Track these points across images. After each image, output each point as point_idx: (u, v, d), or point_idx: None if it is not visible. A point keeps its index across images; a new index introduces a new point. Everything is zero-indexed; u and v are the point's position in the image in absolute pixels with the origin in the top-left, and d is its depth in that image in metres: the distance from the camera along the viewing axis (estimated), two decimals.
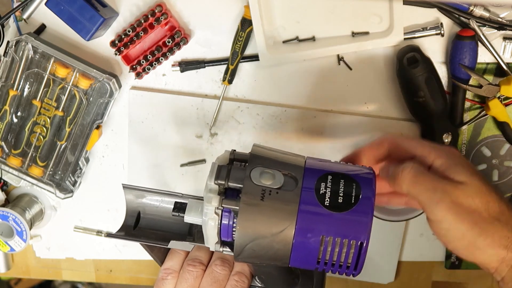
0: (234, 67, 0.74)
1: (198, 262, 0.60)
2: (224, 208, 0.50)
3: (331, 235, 0.48)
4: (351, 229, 0.48)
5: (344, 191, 0.49)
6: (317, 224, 0.48)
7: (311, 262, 0.49)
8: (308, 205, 0.48)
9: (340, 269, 0.49)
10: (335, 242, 0.48)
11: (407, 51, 0.71)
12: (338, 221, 0.48)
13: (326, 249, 0.48)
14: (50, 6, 0.71)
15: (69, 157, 0.78)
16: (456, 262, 0.83)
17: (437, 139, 0.73)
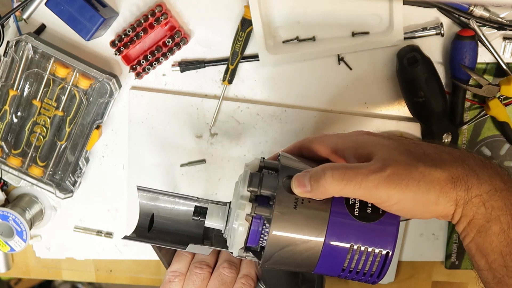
0: (234, 67, 0.74)
1: (205, 264, 0.60)
2: (256, 215, 0.51)
3: (359, 244, 0.49)
4: (378, 239, 0.49)
5: (370, 209, 0.51)
6: (346, 233, 0.50)
7: (335, 270, 0.51)
8: (339, 214, 0.50)
9: (363, 277, 0.51)
10: (362, 251, 0.50)
11: (407, 51, 0.71)
12: (366, 231, 0.50)
13: (353, 257, 0.50)
14: (50, 6, 0.71)
15: (69, 157, 0.78)
16: (456, 262, 0.83)
17: (437, 139, 0.73)
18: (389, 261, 0.50)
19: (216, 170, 0.80)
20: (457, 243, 0.82)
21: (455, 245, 0.82)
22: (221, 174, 0.80)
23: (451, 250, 0.83)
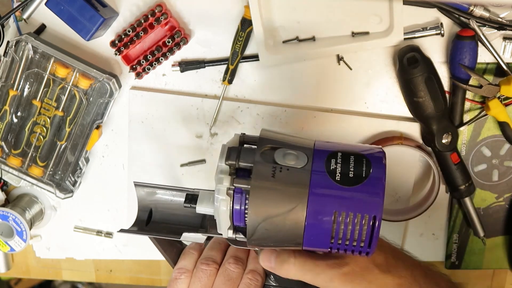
0: (234, 67, 0.74)
1: (212, 261, 0.60)
2: (236, 189, 0.49)
3: (343, 210, 0.47)
4: (363, 203, 0.47)
5: (355, 167, 0.48)
6: (328, 199, 0.47)
7: (324, 241, 0.48)
8: (319, 180, 0.48)
9: (354, 247, 0.49)
10: (347, 218, 0.47)
11: (407, 51, 0.71)
12: (349, 196, 0.47)
13: (339, 225, 0.47)
14: (50, 6, 0.71)
15: (69, 157, 0.78)
16: (456, 262, 0.83)
17: (437, 139, 0.73)
18: (377, 227, 0.47)
19: None
20: (457, 243, 0.82)
21: (455, 245, 0.82)
22: None
23: (451, 250, 0.83)
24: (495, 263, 0.84)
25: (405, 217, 0.78)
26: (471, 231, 0.81)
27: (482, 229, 0.80)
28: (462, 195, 0.77)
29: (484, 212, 0.80)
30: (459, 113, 0.74)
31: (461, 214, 0.81)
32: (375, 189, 0.47)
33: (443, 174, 0.76)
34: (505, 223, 0.81)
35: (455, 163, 0.75)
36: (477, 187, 0.79)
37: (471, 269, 0.84)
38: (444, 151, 0.74)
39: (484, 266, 0.84)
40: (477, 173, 0.79)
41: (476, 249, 0.83)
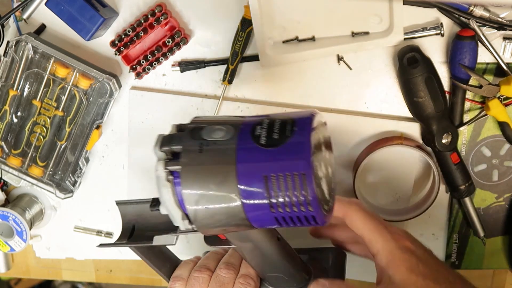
0: (234, 67, 0.74)
1: (205, 268, 0.60)
2: (174, 174, 0.48)
3: (272, 173, 0.45)
4: (289, 161, 0.45)
5: (280, 128, 0.47)
6: (255, 164, 0.46)
7: (266, 213, 0.46)
8: (245, 147, 0.46)
9: (298, 214, 0.46)
10: (279, 181, 0.45)
11: (407, 51, 0.71)
12: (274, 156, 0.45)
13: (272, 191, 0.45)
14: (50, 6, 0.71)
15: (69, 157, 0.78)
16: (456, 262, 0.83)
17: (437, 139, 0.73)
18: (309, 184, 0.44)
19: None
20: (457, 243, 0.82)
21: (455, 245, 0.82)
22: None
23: (451, 250, 0.83)
24: (495, 263, 0.84)
25: (405, 217, 0.78)
26: (471, 231, 0.81)
27: (482, 229, 0.80)
28: (462, 195, 0.77)
29: (484, 212, 0.80)
30: (459, 113, 0.74)
31: (461, 214, 0.81)
32: (301, 144, 0.45)
33: (443, 174, 0.76)
34: (505, 223, 0.81)
35: (455, 163, 0.75)
36: (477, 187, 0.79)
37: (471, 269, 0.84)
38: (444, 151, 0.74)
39: (484, 266, 0.84)
40: (477, 173, 0.79)
41: (476, 249, 0.83)
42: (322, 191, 0.46)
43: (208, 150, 0.47)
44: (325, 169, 0.48)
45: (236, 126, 0.48)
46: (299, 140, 0.45)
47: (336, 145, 0.77)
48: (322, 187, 0.46)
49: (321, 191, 0.46)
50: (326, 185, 0.48)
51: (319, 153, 0.47)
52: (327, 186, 0.48)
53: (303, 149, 0.45)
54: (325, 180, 0.48)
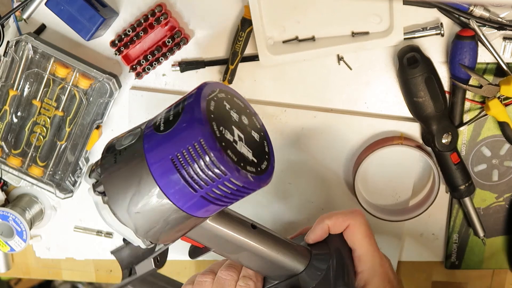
0: (234, 67, 0.74)
1: (210, 271, 0.61)
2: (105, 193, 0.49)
3: (176, 152, 0.46)
4: (188, 135, 0.45)
5: (174, 110, 0.48)
6: (160, 150, 0.47)
7: (188, 193, 0.46)
8: (149, 139, 0.48)
9: (218, 182, 0.46)
10: (185, 158, 0.45)
11: (407, 51, 0.71)
12: (172, 136, 0.46)
13: (183, 169, 0.46)
14: (50, 6, 0.71)
15: (69, 157, 0.78)
16: (456, 262, 0.83)
17: (437, 139, 0.73)
18: (211, 149, 0.44)
19: None
20: (457, 243, 0.82)
21: (455, 245, 0.82)
22: None
23: (451, 250, 0.83)
24: (495, 263, 0.84)
25: (405, 217, 0.78)
26: (471, 231, 0.81)
27: (482, 229, 0.80)
28: (462, 195, 0.77)
29: (484, 212, 0.80)
30: (459, 113, 0.74)
31: (461, 214, 0.81)
32: (191, 115, 0.46)
33: (443, 174, 0.76)
34: (505, 223, 0.81)
35: (455, 163, 0.75)
36: (477, 187, 0.79)
37: (471, 269, 0.84)
38: (444, 151, 0.74)
39: (484, 266, 0.84)
40: (477, 173, 0.79)
41: (476, 249, 0.83)
42: (240, 154, 0.47)
43: (121, 157, 0.49)
44: (241, 133, 0.48)
45: (143, 127, 0.50)
46: (189, 112, 0.46)
47: (336, 145, 0.78)
48: (240, 150, 0.47)
49: (238, 154, 0.46)
50: (248, 147, 0.48)
51: (224, 118, 0.47)
52: (248, 148, 0.48)
53: (194, 118, 0.45)
54: (245, 143, 0.48)
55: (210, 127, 0.45)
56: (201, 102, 0.46)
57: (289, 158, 0.79)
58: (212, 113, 0.46)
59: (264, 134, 0.52)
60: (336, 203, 0.81)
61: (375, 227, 0.80)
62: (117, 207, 0.48)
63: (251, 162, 0.47)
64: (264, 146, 0.51)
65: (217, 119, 0.46)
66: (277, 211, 0.82)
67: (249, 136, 0.50)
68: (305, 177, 0.80)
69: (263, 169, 0.49)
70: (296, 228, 0.83)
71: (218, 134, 0.45)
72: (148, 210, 0.48)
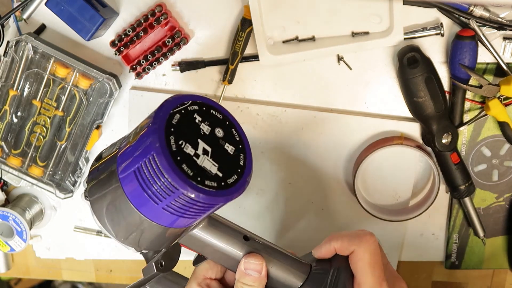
0: (234, 67, 0.74)
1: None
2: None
3: (136, 165, 0.47)
4: (144, 148, 0.46)
5: (144, 123, 0.49)
6: (127, 162, 0.48)
7: (153, 206, 0.47)
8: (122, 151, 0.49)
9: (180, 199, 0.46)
10: (143, 171, 0.46)
11: (407, 51, 0.71)
12: (135, 149, 0.48)
13: (143, 182, 0.47)
14: (50, 6, 0.71)
15: (69, 157, 0.78)
16: (456, 262, 0.83)
17: (437, 139, 0.73)
18: (162, 163, 0.45)
19: None
20: (457, 243, 0.82)
21: (455, 245, 0.82)
22: None
23: (451, 250, 0.83)
24: (495, 263, 0.84)
25: (405, 217, 0.78)
26: (471, 231, 0.81)
27: (482, 229, 0.80)
28: (462, 195, 0.77)
29: (484, 212, 0.80)
30: (459, 113, 0.74)
31: (461, 214, 0.81)
32: (150, 128, 0.47)
33: (443, 174, 0.76)
34: (505, 223, 0.81)
35: (455, 163, 0.75)
36: (477, 187, 0.79)
37: (471, 269, 0.84)
38: (444, 151, 0.74)
39: (484, 266, 0.84)
40: (477, 173, 0.79)
41: (476, 249, 0.83)
42: (199, 168, 0.47)
43: (102, 167, 0.51)
44: (208, 146, 0.48)
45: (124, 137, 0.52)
46: (149, 126, 0.47)
47: (336, 145, 0.78)
48: (201, 164, 0.47)
49: (197, 168, 0.46)
50: (214, 161, 0.48)
51: (187, 132, 0.48)
52: (214, 162, 0.48)
53: (150, 132, 0.46)
54: (211, 156, 0.48)
55: (165, 141, 0.46)
56: (160, 115, 0.47)
57: (289, 158, 0.79)
58: (172, 126, 0.47)
59: (243, 147, 0.52)
60: (336, 203, 0.81)
61: (376, 227, 0.80)
62: (97, 214, 0.52)
63: (213, 177, 0.47)
64: (239, 160, 0.51)
65: (177, 133, 0.47)
66: (277, 211, 0.82)
67: (220, 150, 0.50)
68: (305, 177, 0.80)
69: (230, 184, 0.48)
70: (296, 228, 0.83)
71: (174, 148, 0.46)
72: (122, 219, 0.50)
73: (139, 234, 0.51)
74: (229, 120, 0.52)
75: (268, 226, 0.83)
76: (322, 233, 0.68)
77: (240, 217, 0.82)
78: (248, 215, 0.82)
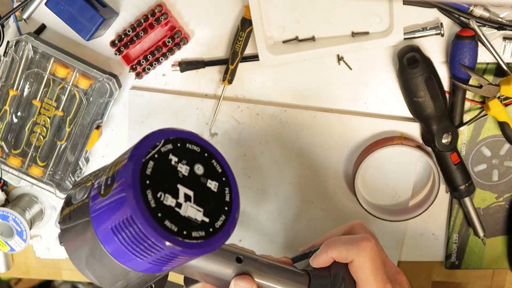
0: (234, 67, 0.74)
1: None
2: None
3: (113, 223, 0.43)
4: (119, 207, 0.42)
5: (113, 171, 0.45)
6: (102, 217, 0.44)
7: (133, 259, 0.44)
8: (94, 202, 0.45)
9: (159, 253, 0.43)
10: (123, 230, 0.43)
11: (407, 51, 0.71)
12: (109, 205, 0.43)
13: (123, 238, 0.43)
14: (50, 6, 0.71)
15: (69, 157, 0.78)
16: (456, 262, 0.83)
17: (437, 139, 0.73)
18: (142, 227, 0.41)
19: None
20: (457, 243, 0.82)
21: (455, 245, 0.82)
22: None
23: (451, 250, 0.83)
24: (495, 263, 0.84)
25: (405, 217, 0.78)
26: (471, 231, 0.81)
27: (482, 229, 0.80)
28: (462, 195, 0.77)
29: (484, 212, 0.80)
30: (459, 113, 0.74)
31: (461, 214, 0.81)
32: (122, 185, 0.42)
33: (443, 174, 0.76)
34: (505, 223, 0.81)
35: (455, 163, 0.75)
36: (477, 187, 0.79)
37: (471, 269, 0.84)
38: (444, 151, 0.74)
39: (484, 266, 0.84)
40: (477, 173, 0.79)
41: (476, 249, 0.83)
42: (183, 220, 0.43)
43: (74, 214, 0.47)
44: (189, 190, 0.44)
45: (93, 179, 0.47)
46: (120, 181, 0.43)
47: (336, 145, 0.78)
48: (185, 214, 0.43)
49: (181, 220, 0.43)
50: (198, 206, 0.44)
51: (164, 180, 0.43)
52: (198, 207, 0.44)
53: (123, 190, 0.42)
54: (194, 201, 0.44)
55: (142, 199, 0.41)
56: (131, 170, 0.42)
57: (289, 158, 0.79)
58: (147, 178, 0.42)
59: (227, 178, 0.47)
60: (336, 203, 0.81)
61: (376, 227, 0.80)
62: (76, 263, 0.48)
63: (199, 225, 0.44)
64: (224, 195, 0.47)
65: (153, 184, 0.42)
66: (277, 211, 0.82)
67: (203, 190, 0.45)
68: (305, 177, 0.80)
69: (218, 227, 0.45)
70: (296, 228, 0.83)
71: (153, 204, 0.42)
72: (105, 271, 0.46)
73: (126, 282, 0.48)
74: (207, 151, 0.47)
75: (268, 227, 0.83)
76: (322, 233, 0.68)
77: (240, 217, 0.82)
78: (248, 215, 0.82)
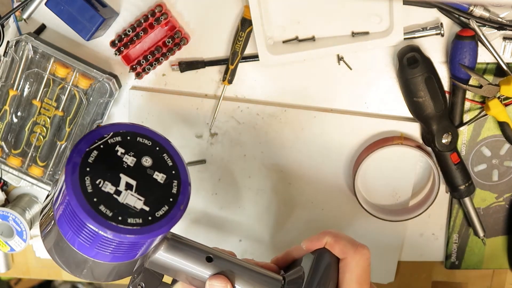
0: (234, 67, 0.74)
1: None
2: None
3: (62, 211, 0.46)
4: (63, 193, 0.45)
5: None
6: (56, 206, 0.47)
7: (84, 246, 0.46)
8: (53, 189, 0.50)
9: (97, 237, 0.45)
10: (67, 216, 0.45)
11: (407, 51, 0.71)
12: (58, 193, 0.47)
13: (69, 224, 0.46)
14: (50, 6, 0.71)
15: None
16: (456, 262, 0.83)
17: (437, 139, 0.73)
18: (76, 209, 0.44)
19: (216, 170, 0.80)
20: (457, 243, 0.82)
21: (455, 245, 0.82)
22: (221, 174, 0.80)
23: (451, 250, 0.83)
24: (495, 263, 0.84)
25: (405, 217, 0.78)
26: (471, 231, 0.81)
27: (482, 229, 0.80)
28: (462, 195, 0.77)
29: (484, 212, 0.80)
30: (459, 113, 0.74)
31: (461, 214, 0.81)
32: (65, 171, 0.45)
33: (443, 174, 0.76)
34: (505, 223, 0.81)
35: (455, 163, 0.75)
36: (477, 187, 0.79)
37: (471, 269, 0.84)
38: (444, 151, 0.74)
39: (484, 266, 0.84)
40: (477, 173, 0.79)
41: (476, 249, 0.83)
42: (120, 206, 0.45)
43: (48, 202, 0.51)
44: (132, 179, 0.46)
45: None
46: (65, 168, 0.45)
47: (336, 145, 0.78)
48: (123, 201, 0.45)
49: (118, 206, 0.45)
50: (139, 195, 0.46)
51: (106, 168, 0.46)
52: (139, 196, 0.46)
53: (65, 175, 0.45)
54: (136, 190, 0.46)
55: (79, 184, 0.44)
56: (73, 156, 0.45)
57: (289, 158, 0.79)
58: (88, 165, 0.45)
59: (177, 172, 0.49)
60: (336, 203, 0.81)
61: (376, 227, 0.80)
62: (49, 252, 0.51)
63: (137, 213, 0.45)
64: (171, 188, 0.48)
65: (94, 172, 0.45)
66: (276, 211, 0.82)
67: (147, 181, 0.47)
68: (305, 177, 0.80)
69: (159, 216, 0.46)
70: (296, 228, 0.83)
71: (89, 190, 0.44)
72: (69, 258, 0.49)
73: (90, 270, 0.49)
74: (159, 145, 0.49)
75: (267, 226, 0.83)
76: None
77: (240, 217, 0.82)
78: (248, 215, 0.82)
